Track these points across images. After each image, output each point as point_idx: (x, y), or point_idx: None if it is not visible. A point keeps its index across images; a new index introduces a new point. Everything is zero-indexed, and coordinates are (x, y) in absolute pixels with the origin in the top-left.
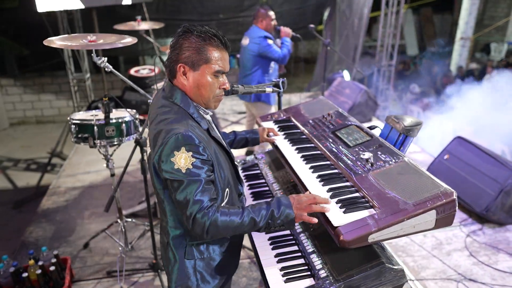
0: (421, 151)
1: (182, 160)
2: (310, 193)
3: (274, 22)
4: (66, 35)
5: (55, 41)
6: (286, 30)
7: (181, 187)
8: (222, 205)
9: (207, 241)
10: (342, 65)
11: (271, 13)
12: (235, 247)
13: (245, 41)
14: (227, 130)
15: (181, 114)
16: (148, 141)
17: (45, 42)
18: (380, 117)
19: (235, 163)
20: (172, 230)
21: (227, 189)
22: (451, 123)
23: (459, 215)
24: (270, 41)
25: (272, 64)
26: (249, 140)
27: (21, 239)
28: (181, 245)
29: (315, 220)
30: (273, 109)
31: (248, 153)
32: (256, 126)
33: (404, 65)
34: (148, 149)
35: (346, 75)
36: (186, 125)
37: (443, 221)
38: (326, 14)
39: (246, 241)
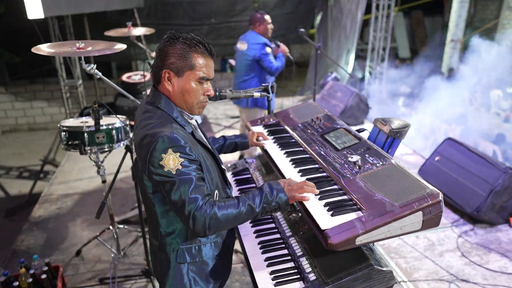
0: (413, 153)
1: (171, 161)
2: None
3: (271, 26)
4: (54, 43)
5: (44, 49)
6: (285, 49)
7: (174, 188)
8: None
9: (199, 245)
10: (335, 69)
11: (267, 17)
12: (227, 252)
13: (243, 46)
14: (220, 134)
15: (164, 118)
16: (134, 146)
17: (34, 50)
18: (372, 120)
19: (222, 166)
20: (164, 233)
21: (216, 191)
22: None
23: (451, 216)
24: (268, 50)
25: None
26: (238, 144)
27: (12, 248)
28: (172, 249)
29: (308, 198)
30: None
31: (241, 157)
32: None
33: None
34: (135, 155)
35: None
36: (170, 128)
37: (430, 222)
38: (318, 18)
39: (238, 246)
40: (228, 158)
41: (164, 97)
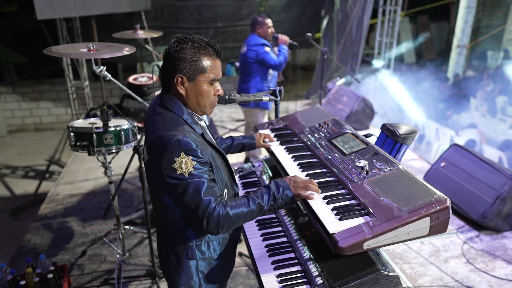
0: (418, 158)
1: (183, 165)
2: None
3: (271, 30)
4: (66, 44)
5: (55, 50)
6: (283, 38)
7: (188, 191)
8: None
9: (208, 241)
10: (341, 73)
11: (268, 21)
12: (233, 246)
13: (243, 49)
14: (225, 137)
15: (176, 121)
16: (145, 148)
17: (45, 52)
18: (378, 125)
19: (231, 166)
20: (174, 232)
21: (225, 190)
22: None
23: (456, 222)
24: (267, 49)
25: (270, 71)
26: (246, 145)
27: (19, 247)
28: (183, 247)
29: (313, 197)
30: (268, 114)
31: (247, 160)
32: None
33: None
34: (143, 156)
35: (340, 81)
36: (182, 131)
37: (437, 228)
38: (325, 22)
39: (244, 249)
40: (233, 160)
41: (176, 100)
